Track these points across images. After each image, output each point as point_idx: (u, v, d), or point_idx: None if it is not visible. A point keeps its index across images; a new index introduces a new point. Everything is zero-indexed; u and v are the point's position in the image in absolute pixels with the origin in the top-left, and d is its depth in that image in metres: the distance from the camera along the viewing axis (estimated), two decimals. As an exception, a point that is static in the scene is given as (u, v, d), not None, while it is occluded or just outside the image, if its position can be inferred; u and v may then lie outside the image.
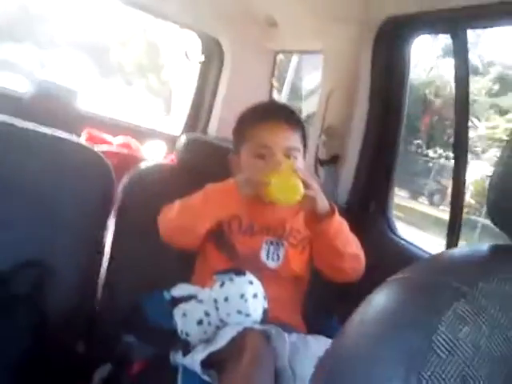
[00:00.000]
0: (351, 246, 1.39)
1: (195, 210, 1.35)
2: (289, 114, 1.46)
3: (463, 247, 0.62)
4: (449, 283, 0.49)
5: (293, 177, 1.28)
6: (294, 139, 1.42)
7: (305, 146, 1.48)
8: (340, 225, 1.37)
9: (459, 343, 0.45)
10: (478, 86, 11.53)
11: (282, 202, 1.30)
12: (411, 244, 1.67)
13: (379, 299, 0.52)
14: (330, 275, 1.43)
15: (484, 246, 0.61)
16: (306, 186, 1.29)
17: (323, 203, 1.34)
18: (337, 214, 1.35)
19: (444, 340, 0.45)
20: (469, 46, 1.50)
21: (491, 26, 1.64)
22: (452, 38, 1.55)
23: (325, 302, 1.53)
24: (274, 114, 1.44)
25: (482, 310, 0.47)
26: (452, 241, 1.50)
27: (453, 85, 1.52)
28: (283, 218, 1.46)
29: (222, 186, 1.35)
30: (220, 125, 2.63)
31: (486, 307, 0.47)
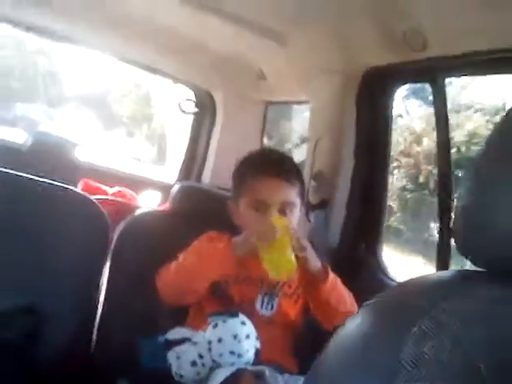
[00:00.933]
0: (344, 305, 1.41)
1: (191, 273, 1.37)
2: (287, 169, 1.47)
3: (431, 273, 0.66)
4: (414, 303, 0.54)
5: (285, 252, 1.30)
6: (290, 194, 1.44)
7: (303, 198, 1.52)
8: (333, 284, 1.40)
9: (424, 357, 0.49)
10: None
11: (274, 278, 1.36)
12: (401, 285, 1.70)
13: (352, 325, 0.57)
14: (323, 325, 1.45)
15: (450, 271, 0.66)
16: (299, 247, 1.33)
17: (316, 264, 1.37)
18: (331, 274, 1.39)
19: (410, 354, 0.49)
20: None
21: (468, 75, 1.73)
22: (431, 86, 1.63)
23: (317, 343, 1.55)
24: (272, 168, 1.44)
25: (444, 326, 0.51)
26: (442, 266, 1.54)
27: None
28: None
29: (217, 246, 1.37)
30: (213, 173, 2.69)
31: (448, 324, 0.51)
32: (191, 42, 2.23)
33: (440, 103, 1.62)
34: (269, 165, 1.47)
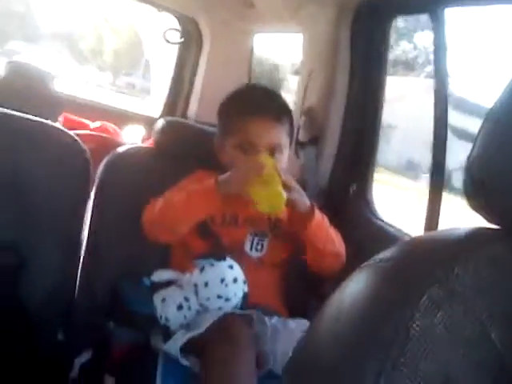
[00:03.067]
0: (332, 244, 1.39)
1: (177, 212, 1.32)
2: (277, 107, 1.42)
3: (441, 230, 0.61)
4: (423, 269, 0.49)
5: (274, 186, 1.25)
6: (280, 135, 1.39)
7: (292, 137, 1.47)
8: (320, 223, 1.36)
9: (434, 328, 0.45)
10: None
11: (265, 212, 1.30)
12: (391, 226, 1.67)
13: (354, 288, 0.52)
14: (310, 268, 1.44)
15: (461, 229, 0.60)
16: (287, 188, 1.28)
17: (304, 204, 1.33)
18: (316, 213, 1.34)
19: (419, 326, 0.45)
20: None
21: (469, 5, 1.62)
22: (430, 17, 1.54)
23: (305, 285, 1.53)
24: (261, 108, 1.39)
25: (456, 294, 0.46)
26: (432, 223, 1.50)
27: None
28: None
29: (204, 187, 1.31)
30: (199, 107, 2.60)
31: (461, 291, 0.47)
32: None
33: (439, 35, 1.53)
34: (257, 104, 1.41)
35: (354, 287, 0.52)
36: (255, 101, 1.43)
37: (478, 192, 0.57)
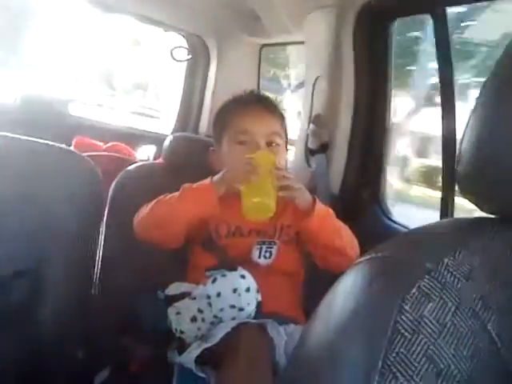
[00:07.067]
0: (340, 239, 1.34)
1: (169, 207, 1.33)
2: (268, 102, 1.47)
3: (436, 222, 0.60)
4: (413, 261, 0.48)
5: (266, 191, 1.23)
6: (274, 125, 1.42)
7: (286, 136, 1.47)
8: (323, 218, 1.31)
9: (424, 321, 0.44)
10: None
11: (250, 219, 1.27)
12: (407, 228, 1.65)
13: (346, 283, 0.51)
14: (320, 266, 1.41)
15: (456, 220, 0.59)
16: (284, 187, 1.26)
17: (304, 200, 1.30)
18: (318, 208, 1.29)
19: (408, 319, 0.44)
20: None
21: (470, 3, 1.61)
22: (432, 17, 1.53)
23: (323, 292, 1.51)
24: (253, 102, 1.45)
25: (448, 285, 0.45)
26: (446, 215, 1.48)
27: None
28: (272, 218, 1.43)
29: (198, 185, 1.33)
30: (210, 122, 2.61)
31: (452, 282, 0.46)
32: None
33: (442, 36, 1.52)
34: (250, 99, 1.47)
35: (347, 281, 0.51)
36: (247, 97, 1.49)
37: (471, 182, 0.56)
